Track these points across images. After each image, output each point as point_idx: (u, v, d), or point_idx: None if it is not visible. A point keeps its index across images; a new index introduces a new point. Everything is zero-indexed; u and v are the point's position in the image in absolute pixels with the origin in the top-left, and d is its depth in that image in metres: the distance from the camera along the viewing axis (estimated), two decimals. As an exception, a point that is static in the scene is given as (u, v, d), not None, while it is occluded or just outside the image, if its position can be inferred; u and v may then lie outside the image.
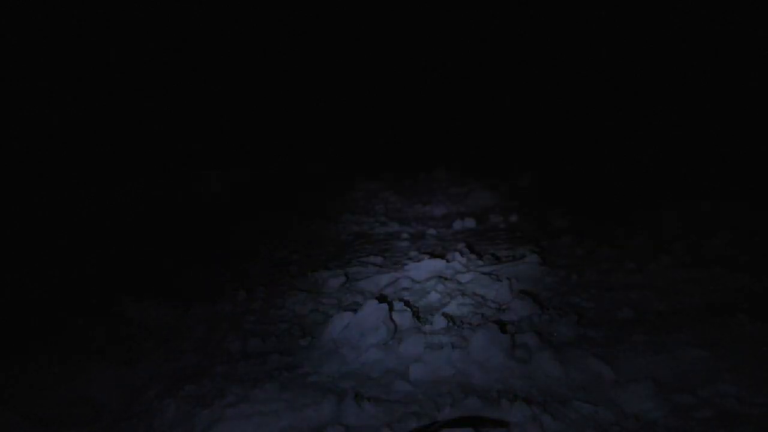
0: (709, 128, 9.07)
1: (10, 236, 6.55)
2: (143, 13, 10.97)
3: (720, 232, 4.87)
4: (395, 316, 3.64)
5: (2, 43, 8.99)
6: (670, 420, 2.51)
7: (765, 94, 8.81)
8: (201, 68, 12.10)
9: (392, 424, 2.63)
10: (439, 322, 3.58)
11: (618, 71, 11.68)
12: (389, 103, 13.64)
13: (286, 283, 4.87)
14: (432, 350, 3.21)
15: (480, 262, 4.85)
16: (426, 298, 4.15)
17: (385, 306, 3.61)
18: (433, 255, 5.00)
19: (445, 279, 4.45)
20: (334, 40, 13.53)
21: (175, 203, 8.39)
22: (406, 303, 3.95)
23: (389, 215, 7.38)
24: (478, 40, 13.64)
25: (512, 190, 8.16)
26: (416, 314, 3.82)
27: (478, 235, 6.11)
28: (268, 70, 13.12)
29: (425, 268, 4.68)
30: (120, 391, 3.44)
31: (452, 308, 3.84)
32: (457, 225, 6.51)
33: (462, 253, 4.99)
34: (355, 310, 3.68)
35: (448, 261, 4.77)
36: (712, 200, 5.75)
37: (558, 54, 12.77)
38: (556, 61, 12.81)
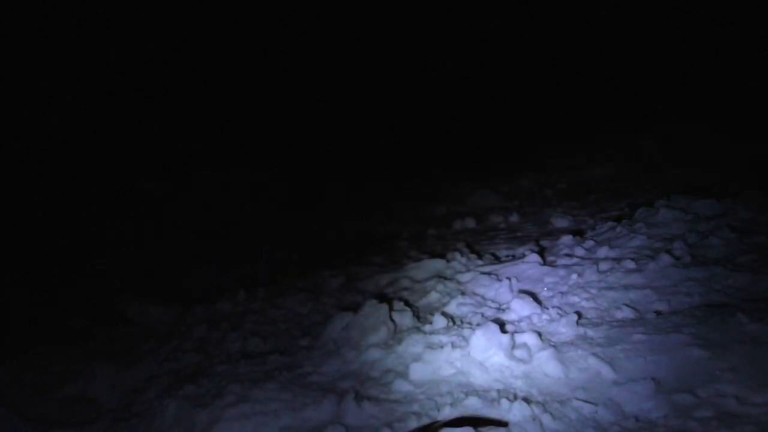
0: (710, 128, 9.07)
1: (10, 236, 6.55)
2: (143, 13, 10.96)
3: (719, 230, 4.86)
4: (395, 316, 3.64)
5: (2, 43, 8.99)
6: (670, 420, 2.51)
7: (766, 94, 8.81)
8: (201, 68, 12.09)
9: (392, 424, 2.63)
10: (439, 322, 3.58)
11: (619, 71, 11.68)
12: (389, 103, 13.64)
13: (286, 283, 4.87)
14: (432, 350, 3.20)
15: (480, 262, 4.85)
16: (426, 298, 4.15)
17: (385, 306, 3.61)
18: (433, 255, 5.00)
19: (445, 279, 4.45)
20: (334, 41, 13.52)
21: (175, 203, 8.39)
22: (406, 303, 3.95)
23: (389, 215, 7.39)
24: (478, 40, 13.63)
25: (512, 190, 8.15)
26: (416, 314, 3.82)
27: (478, 235, 6.10)
28: (268, 70, 13.11)
29: (425, 267, 4.67)
30: (120, 391, 3.45)
31: (452, 308, 3.84)
32: (457, 225, 6.51)
33: (462, 253, 4.99)
34: (355, 310, 3.68)
35: (448, 261, 4.77)
36: (713, 199, 5.74)
37: (558, 54, 12.77)
38: (555, 61, 12.81)
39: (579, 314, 3.68)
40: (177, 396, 3.09)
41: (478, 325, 3.46)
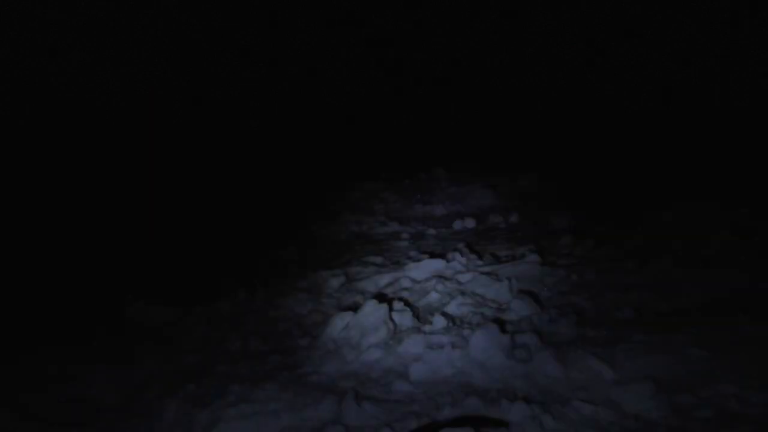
0: (711, 129, 9.08)
1: (10, 236, 6.56)
2: (141, 15, 10.97)
3: (720, 231, 4.86)
4: (395, 316, 3.64)
5: (1, 43, 8.99)
6: (670, 420, 2.51)
7: (766, 97, 8.82)
8: (199, 68, 12.11)
9: (392, 424, 2.63)
10: (439, 322, 3.58)
11: (620, 72, 11.69)
12: (388, 103, 13.65)
13: (286, 283, 4.87)
14: (432, 350, 3.21)
15: (480, 262, 4.85)
16: (426, 298, 4.15)
17: (385, 306, 3.61)
18: (433, 255, 5.00)
19: (445, 279, 4.45)
20: (333, 40, 13.53)
21: (173, 203, 8.39)
22: (406, 303, 3.95)
23: (389, 215, 7.38)
24: (479, 41, 13.64)
25: (512, 190, 8.14)
26: (416, 314, 3.82)
27: (478, 235, 6.11)
28: (265, 70, 13.12)
29: (425, 267, 4.67)
30: (120, 391, 3.44)
31: (452, 308, 3.84)
32: (457, 225, 6.51)
33: (462, 253, 4.99)
34: (355, 310, 3.68)
35: (448, 261, 4.77)
36: (712, 201, 5.74)
37: (559, 54, 12.77)
38: (556, 61, 12.82)
39: (579, 314, 3.68)
40: (177, 396, 3.09)
41: (478, 325, 3.46)
